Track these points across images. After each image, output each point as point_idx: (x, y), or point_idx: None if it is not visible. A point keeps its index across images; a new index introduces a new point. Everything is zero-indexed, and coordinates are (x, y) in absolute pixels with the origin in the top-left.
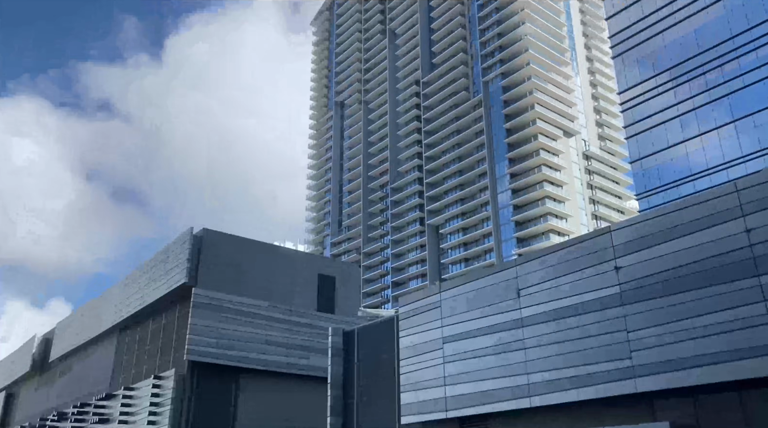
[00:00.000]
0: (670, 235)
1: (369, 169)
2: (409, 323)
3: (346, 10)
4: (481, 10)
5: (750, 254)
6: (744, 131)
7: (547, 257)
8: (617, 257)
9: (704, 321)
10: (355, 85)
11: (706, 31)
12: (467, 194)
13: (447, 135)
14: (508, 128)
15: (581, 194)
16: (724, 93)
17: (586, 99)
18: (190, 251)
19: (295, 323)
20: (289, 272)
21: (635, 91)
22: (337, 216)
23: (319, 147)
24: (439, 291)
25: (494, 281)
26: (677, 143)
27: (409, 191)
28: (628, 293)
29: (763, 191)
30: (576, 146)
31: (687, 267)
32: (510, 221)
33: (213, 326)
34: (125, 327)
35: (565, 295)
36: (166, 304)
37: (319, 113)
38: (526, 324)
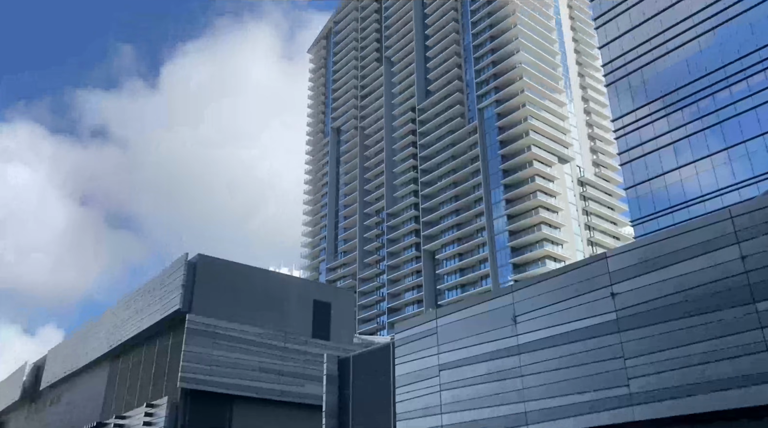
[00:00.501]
0: (665, 261)
1: (365, 194)
2: (405, 350)
3: (343, 38)
4: (476, 38)
5: (746, 280)
6: (737, 158)
7: (543, 284)
8: (613, 283)
9: (702, 349)
10: (352, 111)
11: (697, 59)
12: (463, 219)
13: (443, 161)
14: (503, 154)
15: (577, 220)
16: (716, 121)
17: (580, 126)
18: (185, 276)
19: (290, 350)
20: (284, 298)
21: (628, 118)
22: (332, 241)
23: (316, 172)
24: (436, 318)
25: (491, 307)
26: (671, 169)
27: (405, 216)
28: (624, 320)
29: (757, 218)
30: (571, 172)
31: (683, 294)
32: (506, 246)
33: (207, 353)
34: (118, 354)
35: (561, 322)
36: (160, 331)
37: (316, 138)
38: (523, 351)
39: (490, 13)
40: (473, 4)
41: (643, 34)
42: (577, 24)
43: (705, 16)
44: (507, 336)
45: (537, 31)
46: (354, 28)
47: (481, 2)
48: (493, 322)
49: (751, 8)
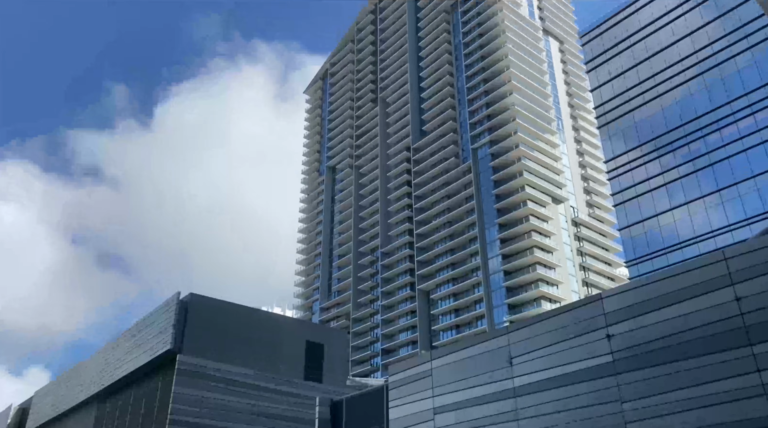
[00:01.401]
0: (660, 303)
1: (359, 233)
2: (399, 392)
3: (339, 79)
4: (470, 80)
5: (741, 323)
6: (729, 200)
7: (538, 325)
8: (609, 325)
9: (699, 392)
10: (347, 150)
11: (688, 103)
12: (458, 258)
13: (437, 200)
14: (497, 194)
15: (571, 260)
16: (707, 163)
17: (573, 167)
18: (176, 316)
19: (281, 392)
20: (277, 339)
21: (621, 160)
22: (326, 281)
23: (310, 211)
24: (430, 360)
25: (486, 349)
26: (664, 211)
27: (400, 255)
28: (620, 362)
29: (750, 260)
30: (565, 212)
31: (679, 336)
32: (501, 286)
33: (197, 394)
34: (106, 394)
35: (557, 364)
36: (150, 371)
37: (311, 177)
38: (519, 394)
39: (484, 57)
40: (467, 48)
41: (634, 78)
42: (568, 68)
43: (694, 60)
44: (503, 379)
45: (529, 74)
46: (350, 69)
47: (475, 46)
48: (488, 364)
49: (738, 53)
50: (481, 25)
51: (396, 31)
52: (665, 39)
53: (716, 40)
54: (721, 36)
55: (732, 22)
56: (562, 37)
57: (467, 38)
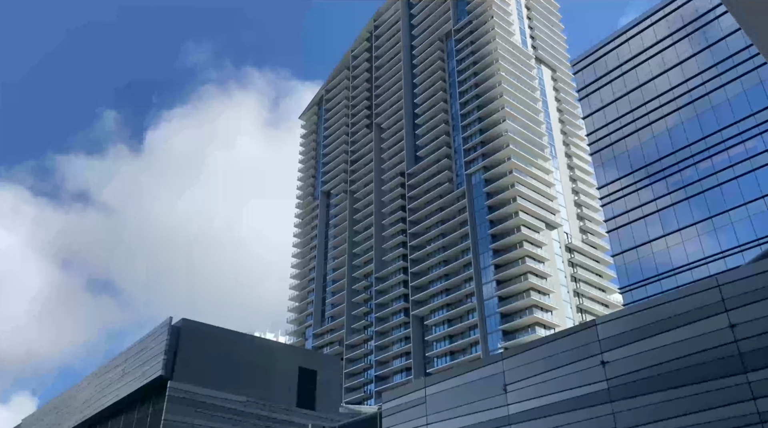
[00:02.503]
0: (655, 329)
1: (353, 258)
2: (393, 420)
3: (334, 106)
4: (463, 107)
5: (736, 350)
6: (721, 226)
7: (533, 351)
8: (603, 351)
9: (694, 420)
10: (342, 175)
11: (679, 130)
12: (452, 284)
13: (431, 225)
14: (491, 219)
15: (566, 286)
16: (699, 190)
17: (566, 192)
18: (168, 342)
19: (274, 419)
20: (270, 365)
21: (613, 187)
22: (320, 306)
23: (304, 236)
24: (424, 387)
25: (480, 376)
26: (657, 237)
27: (394, 281)
28: (615, 389)
29: (744, 287)
30: (558, 238)
31: (674, 363)
32: (495, 312)
33: (188, 422)
34: (95, 422)
35: (552, 391)
36: (140, 398)
37: (305, 202)
38: (514, 422)
39: (477, 84)
40: (461, 75)
41: (626, 105)
42: (561, 95)
43: (684, 89)
44: (497, 406)
45: (522, 101)
46: (345, 95)
47: (469, 73)
48: (483, 391)
49: (728, 83)
50: (474, 53)
51: (391, 58)
52: (656, 68)
53: (705, 69)
54: (710, 66)
55: (721, 53)
56: (554, 65)
57: (461, 66)
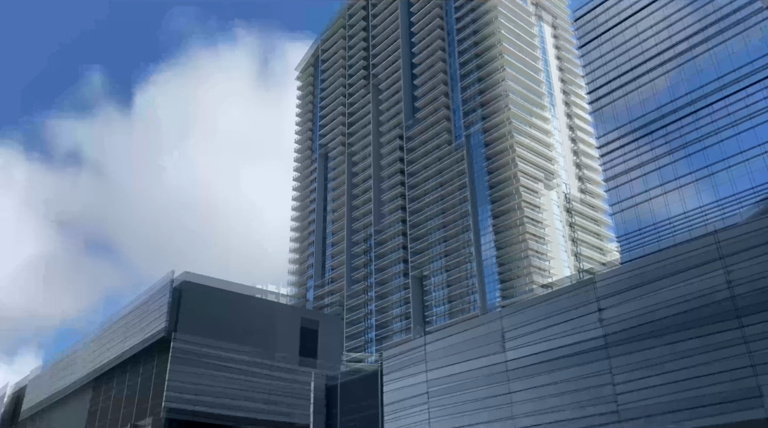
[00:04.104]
0: (652, 285)
1: (353, 220)
2: (394, 374)
3: (331, 65)
4: (463, 65)
5: (732, 304)
6: (721, 182)
7: (531, 309)
8: (601, 307)
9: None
10: (339, 137)
11: (679, 84)
12: (451, 245)
13: (431, 187)
14: (490, 179)
15: (563, 245)
16: (700, 147)
17: (566, 152)
18: (170, 299)
19: (278, 368)
20: (272, 323)
21: (613, 144)
22: (320, 267)
23: (304, 199)
24: (424, 342)
25: (480, 331)
26: (656, 193)
27: (393, 244)
28: (612, 341)
29: (742, 242)
30: (557, 196)
31: (670, 318)
32: (494, 271)
33: (192, 380)
34: (101, 376)
35: (550, 344)
36: (145, 353)
37: (304, 164)
38: (512, 377)
39: (477, 42)
40: (460, 33)
41: (626, 60)
42: (562, 52)
43: (686, 45)
44: (496, 359)
45: (522, 60)
46: (342, 54)
47: (468, 31)
48: (481, 346)
49: (731, 37)
50: (474, 10)
51: (388, 16)
52: (657, 22)
53: (709, 24)
54: (714, 20)
55: (723, 6)
56: (555, 20)
57: (460, 24)
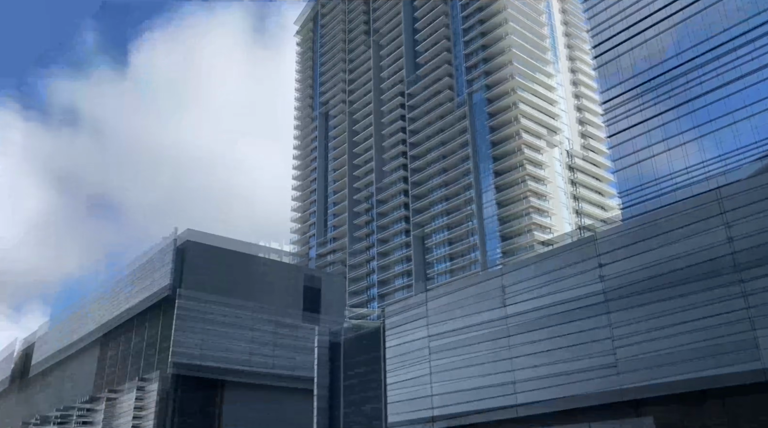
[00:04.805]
0: (653, 242)
1: (354, 180)
2: (396, 330)
3: (331, 21)
4: (465, 21)
5: (732, 259)
6: (725, 139)
7: (532, 264)
8: (602, 264)
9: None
10: (340, 95)
11: (686, 40)
12: (453, 204)
13: (432, 145)
14: (492, 137)
15: (565, 203)
16: (704, 102)
17: (569, 109)
18: (174, 257)
19: (282, 324)
20: (275, 282)
21: (617, 101)
22: (322, 227)
23: (305, 157)
24: (426, 300)
25: (480, 288)
26: (659, 150)
27: (395, 203)
28: (612, 296)
29: (744, 199)
30: (560, 155)
31: (670, 275)
32: (495, 231)
33: (197, 336)
34: (108, 332)
35: (550, 299)
36: (150, 310)
37: (304, 122)
38: (512, 327)
39: None
40: None
41: (633, 15)
42: (566, 6)
43: None
44: (496, 313)
45: (527, 14)
46: (341, 9)
47: None
48: (482, 301)
49: None
50: None
51: None
52: None
53: None
54: None
55: None
56: None
57: None
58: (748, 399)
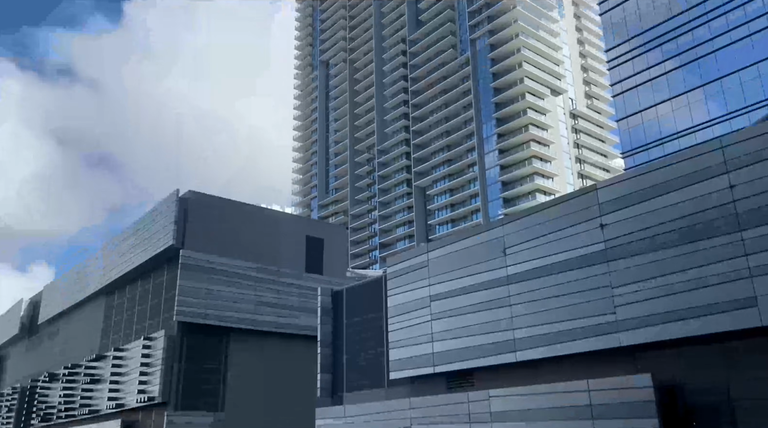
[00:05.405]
0: (654, 192)
1: (355, 130)
2: (397, 282)
3: None
4: None
5: (733, 210)
6: (730, 89)
7: (533, 217)
8: (602, 214)
9: (687, 276)
10: (341, 43)
11: None
12: (454, 155)
13: (434, 95)
14: (495, 87)
15: (568, 153)
16: (710, 50)
17: (573, 57)
18: (177, 213)
19: (284, 283)
20: (277, 235)
21: (622, 49)
22: (323, 179)
23: (305, 108)
24: (427, 251)
25: (481, 240)
26: (664, 107)
27: (396, 153)
28: (612, 250)
29: (747, 148)
30: (563, 104)
31: (671, 223)
32: (497, 181)
33: (201, 287)
34: (113, 289)
35: (550, 253)
36: (154, 266)
37: (304, 72)
38: (512, 282)
39: None
40: None
41: None
42: None
43: None
44: (496, 268)
45: None
46: None
47: None
48: (483, 254)
49: None
50: None
51: None
52: None
53: None
54: None
55: None
56: None
57: None
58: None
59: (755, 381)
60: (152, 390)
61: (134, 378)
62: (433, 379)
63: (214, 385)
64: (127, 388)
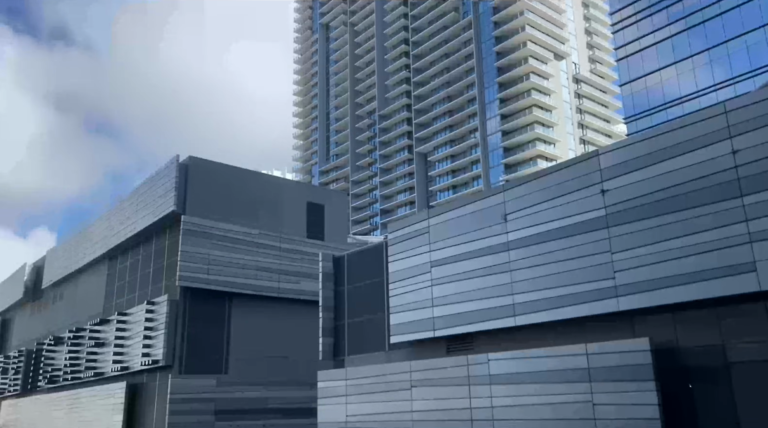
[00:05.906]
0: (657, 158)
1: (356, 95)
2: (398, 248)
3: None
4: None
5: (735, 175)
6: (734, 53)
7: (534, 182)
8: (604, 180)
9: (686, 242)
10: (341, 5)
11: None
12: (456, 120)
13: (436, 59)
14: (498, 51)
15: (570, 118)
16: (717, 12)
17: (577, 20)
18: (177, 178)
19: (285, 249)
20: (278, 200)
21: (627, 11)
22: (324, 144)
23: (305, 72)
24: (428, 217)
25: (482, 206)
26: (668, 72)
27: (397, 118)
28: (613, 216)
29: (751, 112)
30: (566, 69)
31: (672, 189)
32: (499, 147)
33: (203, 252)
34: (115, 254)
35: (551, 219)
36: (155, 232)
37: (304, 36)
38: (513, 248)
39: None
40: None
41: None
42: None
43: None
44: (497, 234)
45: None
46: None
47: None
48: (483, 220)
49: None
50: None
51: None
52: None
53: None
54: None
55: None
56: None
57: None
58: (746, 318)
59: (751, 344)
60: (156, 353)
61: (138, 342)
62: (433, 343)
63: (217, 349)
64: (131, 351)
